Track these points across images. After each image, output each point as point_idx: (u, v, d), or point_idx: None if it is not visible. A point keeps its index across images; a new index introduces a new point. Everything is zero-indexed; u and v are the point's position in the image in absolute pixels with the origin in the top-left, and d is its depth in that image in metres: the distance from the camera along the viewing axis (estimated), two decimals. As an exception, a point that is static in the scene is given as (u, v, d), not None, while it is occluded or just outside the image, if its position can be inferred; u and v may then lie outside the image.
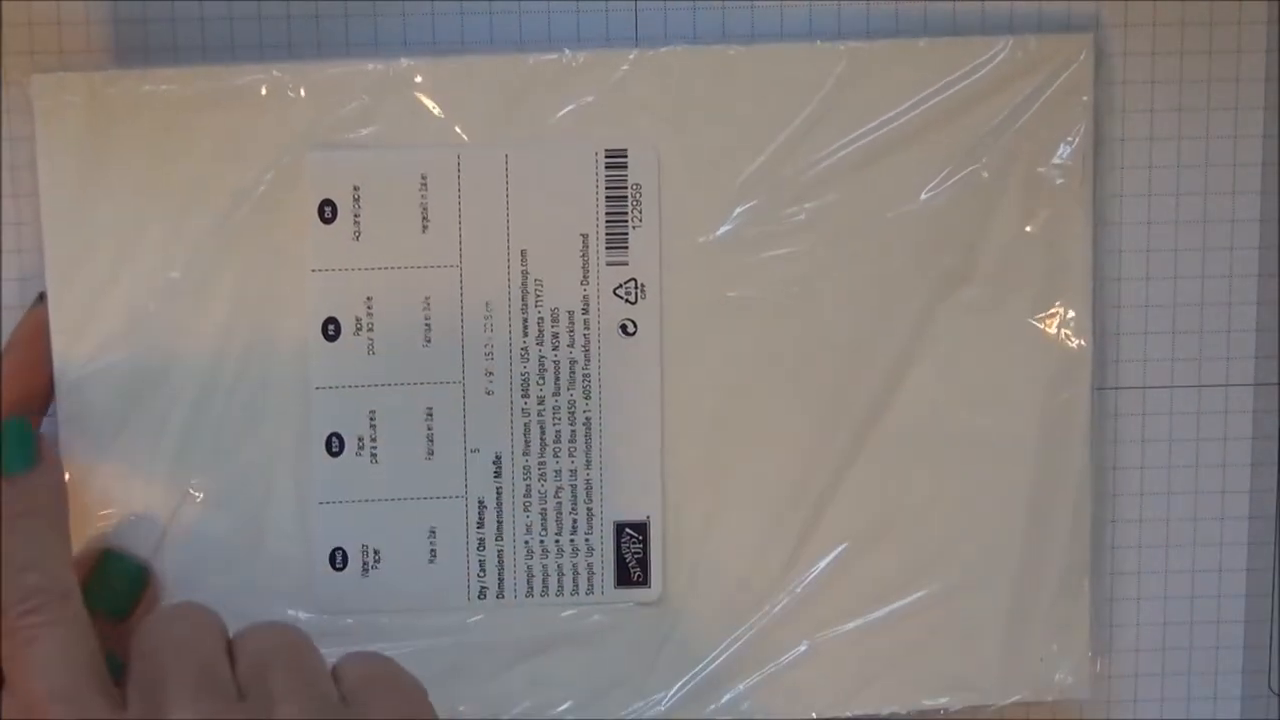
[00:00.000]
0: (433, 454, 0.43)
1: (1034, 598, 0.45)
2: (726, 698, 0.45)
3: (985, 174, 0.43)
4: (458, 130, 0.42)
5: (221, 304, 0.42)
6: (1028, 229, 0.44)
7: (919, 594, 0.45)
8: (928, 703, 0.45)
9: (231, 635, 0.38)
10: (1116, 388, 0.46)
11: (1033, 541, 0.45)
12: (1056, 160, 0.44)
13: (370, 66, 0.42)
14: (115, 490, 0.42)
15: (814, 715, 0.45)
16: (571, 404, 0.43)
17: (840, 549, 0.44)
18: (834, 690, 0.45)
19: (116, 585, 0.41)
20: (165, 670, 0.35)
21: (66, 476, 0.41)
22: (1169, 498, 0.47)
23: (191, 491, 0.43)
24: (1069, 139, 0.43)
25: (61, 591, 0.38)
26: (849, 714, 0.45)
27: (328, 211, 0.42)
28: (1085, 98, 0.43)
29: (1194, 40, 0.45)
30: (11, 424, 0.40)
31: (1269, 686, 0.47)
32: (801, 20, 0.44)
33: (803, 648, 0.45)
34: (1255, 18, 0.45)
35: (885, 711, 0.45)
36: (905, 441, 0.44)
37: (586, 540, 0.44)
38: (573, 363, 0.43)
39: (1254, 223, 0.46)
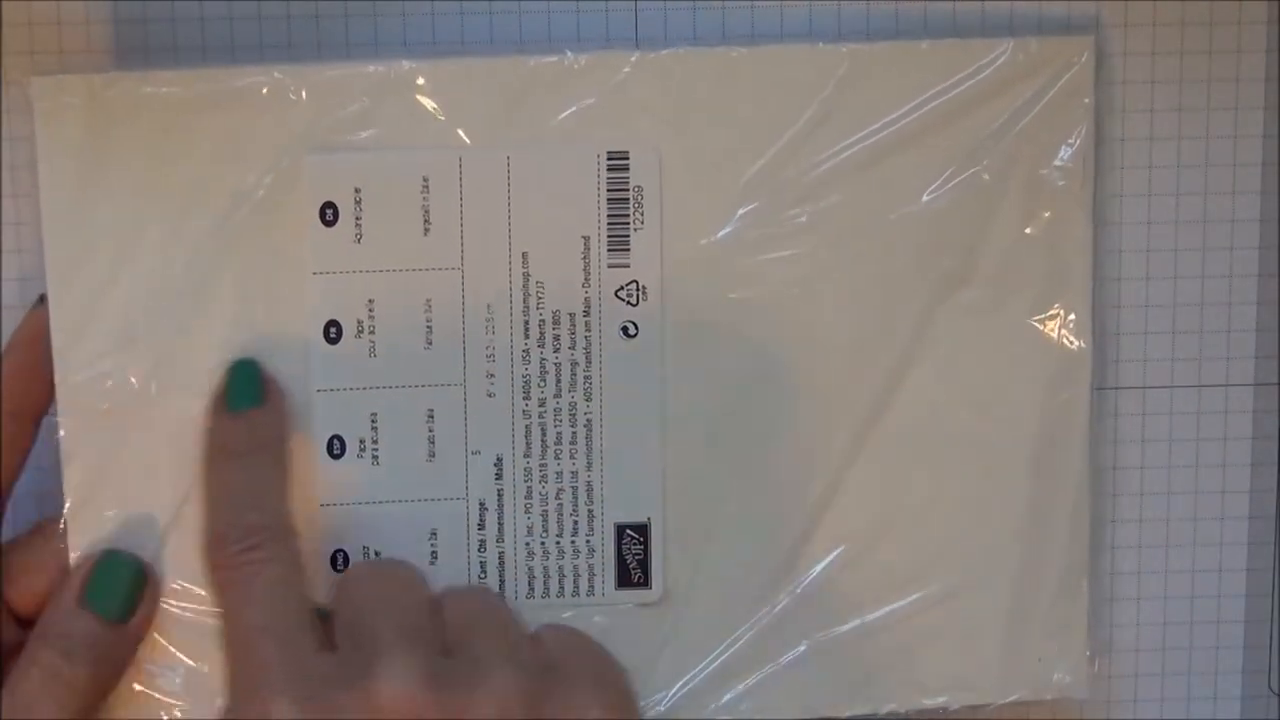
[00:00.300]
0: (434, 456, 0.43)
1: (1033, 598, 0.45)
2: (726, 698, 0.44)
3: (986, 176, 0.43)
4: (459, 133, 0.42)
5: (221, 306, 0.42)
6: (1028, 231, 0.44)
7: (919, 594, 0.45)
8: (927, 702, 0.45)
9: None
10: (1116, 388, 0.46)
11: (1032, 541, 0.45)
12: (1057, 162, 0.43)
13: (371, 69, 0.42)
14: (115, 491, 0.42)
15: (814, 715, 0.45)
16: (573, 406, 0.43)
17: (840, 549, 0.44)
18: (834, 690, 0.45)
19: (116, 586, 0.41)
20: (377, 618, 0.37)
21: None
22: (1169, 498, 0.47)
23: (192, 493, 0.42)
24: (1070, 141, 0.43)
25: (282, 530, 0.39)
26: (849, 714, 0.45)
27: (329, 214, 0.42)
28: (1086, 100, 0.43)
29: (1194, 40, 0.45)
30: (240, 362, 0.41)
31: (1269, 686, 0.47)
32: (801, 21, 0.44)
33: (803, 648, 0.45)
34: (1255, 18, 0.45)
35: (885, 711, 0.45)
36: (905, 442, 0.44)
37: (588, 542, 0.44)
38: (574, 365, 0.43)
39: (1254, 223, 0.46)
